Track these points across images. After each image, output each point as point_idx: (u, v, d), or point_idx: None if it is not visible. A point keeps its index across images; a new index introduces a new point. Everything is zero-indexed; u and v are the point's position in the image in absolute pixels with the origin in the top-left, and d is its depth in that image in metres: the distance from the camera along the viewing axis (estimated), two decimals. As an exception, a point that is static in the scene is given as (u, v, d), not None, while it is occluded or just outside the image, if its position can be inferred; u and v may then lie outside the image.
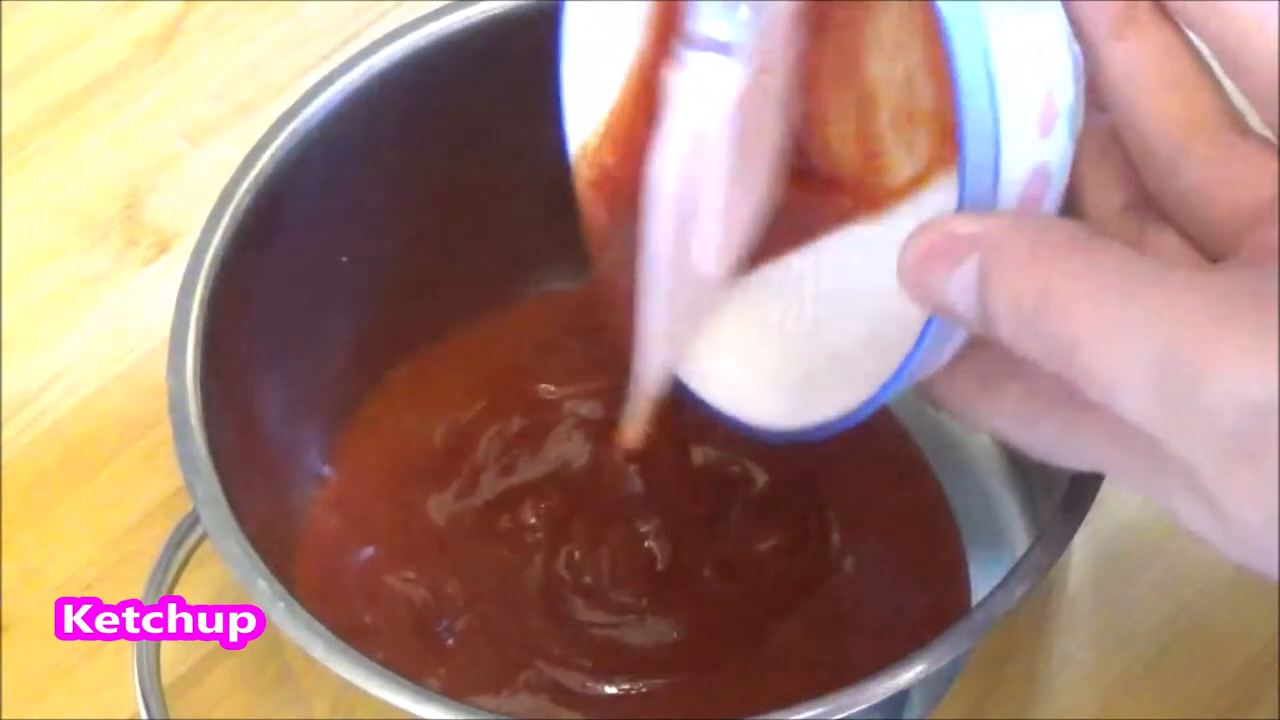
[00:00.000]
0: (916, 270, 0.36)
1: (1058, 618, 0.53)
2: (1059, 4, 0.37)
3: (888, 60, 0.39)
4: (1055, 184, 0.37)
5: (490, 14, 0.52)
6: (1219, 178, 0.38)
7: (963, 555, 0.52)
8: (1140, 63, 0.38)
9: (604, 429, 0.54)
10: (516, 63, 0.53)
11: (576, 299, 0.58)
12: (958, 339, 0.38)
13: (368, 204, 0.53)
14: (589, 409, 0.55)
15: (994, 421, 0.39)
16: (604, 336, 0.47)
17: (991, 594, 0.42)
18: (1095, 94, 0.39)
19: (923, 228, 0.36)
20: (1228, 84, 0.38)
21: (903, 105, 0.39)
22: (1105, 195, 0.40)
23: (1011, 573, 0.42)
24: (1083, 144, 0.39)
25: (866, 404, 0.39)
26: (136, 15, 0.70)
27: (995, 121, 0.35)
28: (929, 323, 0.37)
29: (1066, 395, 0.36)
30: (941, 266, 0.36)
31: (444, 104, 0.53)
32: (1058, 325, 0.34)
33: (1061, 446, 0.38)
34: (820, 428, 0.41)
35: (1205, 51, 0.38)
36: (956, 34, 0.35)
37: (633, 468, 0.53)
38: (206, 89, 0.68)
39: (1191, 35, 0.38)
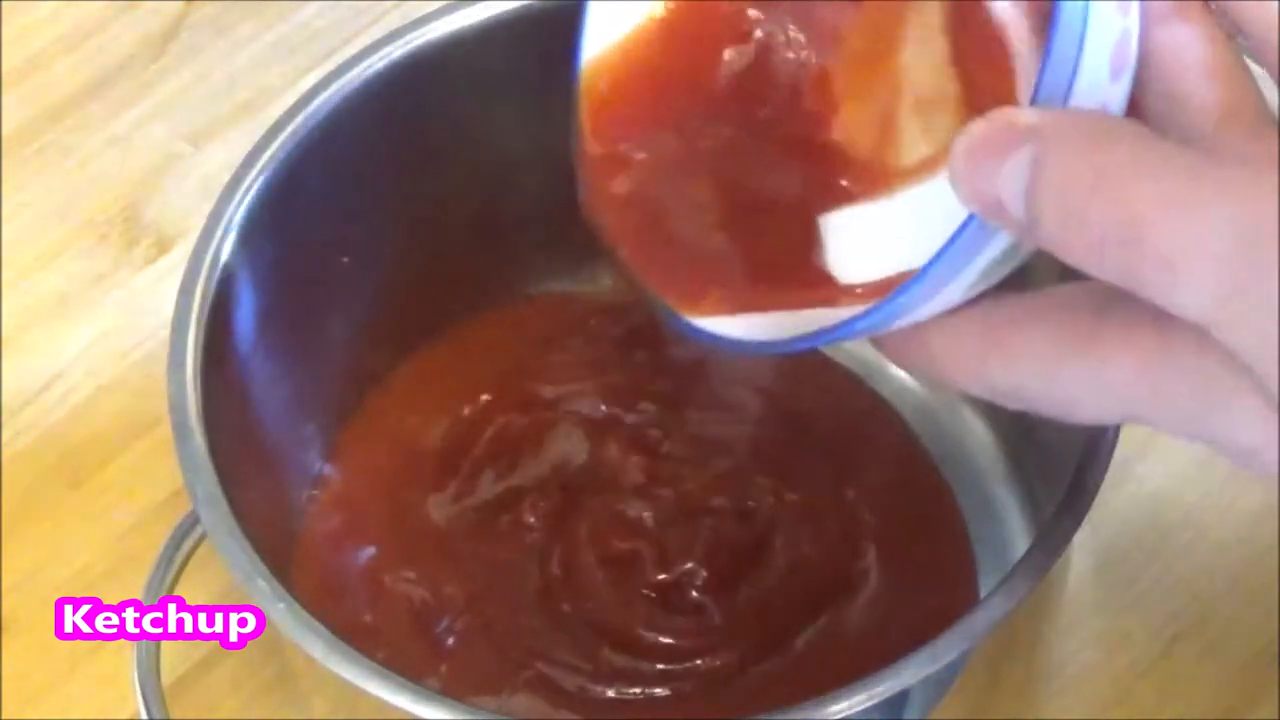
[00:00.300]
0: (969, 158, 0.35)
1: (1058, 618, 0.53)
2: None
3: (920, 45, 0.39)
4: None
5: (490, 15, 0.52)
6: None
7: (974, 560, 0.52)
8: (1186, 47, 0.37)
9: (604, 428, 0.55)
10: (516, 63, 0.53)
11: (576, 299, 0.58)
12: (984, 259, 0.36)
13: (368, 204, 0.53)
14: (589, 408, 0.55)
15: (1007, 376, 0.37)
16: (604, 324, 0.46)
17: (991, 594, 0.42)
18: (1139, 74, 0.38)
19: (981, 118, 0.35)
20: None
21: (928, 91, 0.39)
22: None
23: (1011, 573, 0.42)
24: None
25: (878, 308, 0.37)
26: (137, 15, 0.70)
27: (1080, 42, 0.35)
28: (963, 225, 0.35)
29: (1092, 330, 0.35)
30: (995, 154, 0.34)
31: (444, 104, 0.53)
32: (1117, 205, 0.33)
33: (1085, 391, 0.36)
34: (816, 335, 0.38)
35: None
36: None
37: (634, 462, 0.53)
38: (206, 89, 0.68)
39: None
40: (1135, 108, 0.38)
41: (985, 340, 0.37)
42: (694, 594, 0.51)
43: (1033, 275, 0.38)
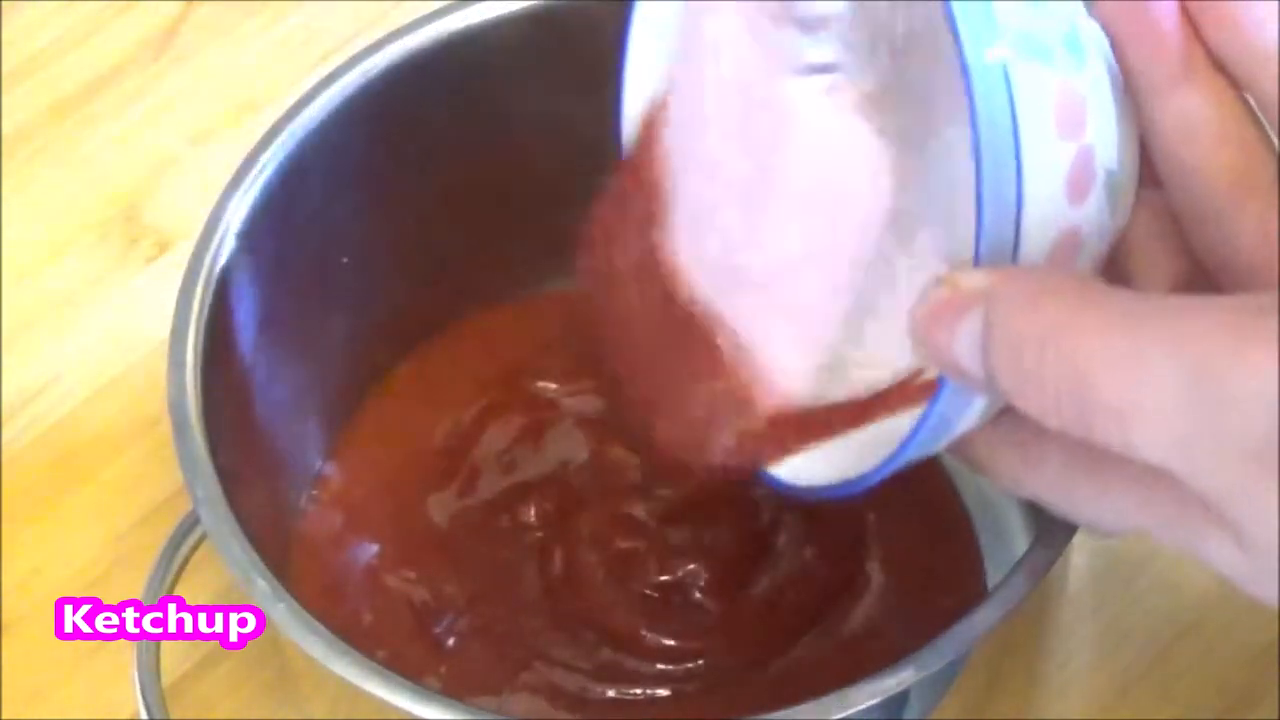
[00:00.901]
0: (925, 327, 0.36)
1: (1058, 618, 0.53)
2: (1110, 65, 0.37)
3: None
4: (1087, 251, 0.37)
5: (490, 15, 0.52)
6: (1271, 234, 0.37)
7: (982, 563, 0.52)
8: (1195, 115, 0.37)
9: (605, 427, 0.54)
10: (516, 63, 0.53)
11: (576, 298, 0.58)
12: (979, 403, 0.37)
13: (368, 204, 0.53)
14: (589, 407, 0.55)
15: (1036, 489, 0.39)
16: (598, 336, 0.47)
17: (991, 594, 0.42)
18: (1146, 154, 0.38)
19: (933, 284, 0.36)
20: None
21: None
22: (1155, 272, 0.39)
23: (1011, 573, 0.42)
24: (1136, 217, 0.38)
25: (880, 467, 0.39)
26: (137, 15, 0.70)
27: (1017, 181, 0.35)
28: (941, 384, 0.36)
29: (1099, 458, 0.36)
30: (948, 321, 0.35)
31: (443, 105, 0.53)
32: (1066, 365, 0.33)
33: (1099, 510, 0.38)
34: (838, 486, 0.40)
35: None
36: (979, 88, 0.34)
37: (636, 460, 0.53)
38: (206, 89, 0.68)
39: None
40: (1150, 177, 0.38)
41: (1018, 453, 0.39)
42: (696, 595, 0.51)
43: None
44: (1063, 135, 0.35)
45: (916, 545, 0.52)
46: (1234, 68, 0.37)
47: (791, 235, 0.43)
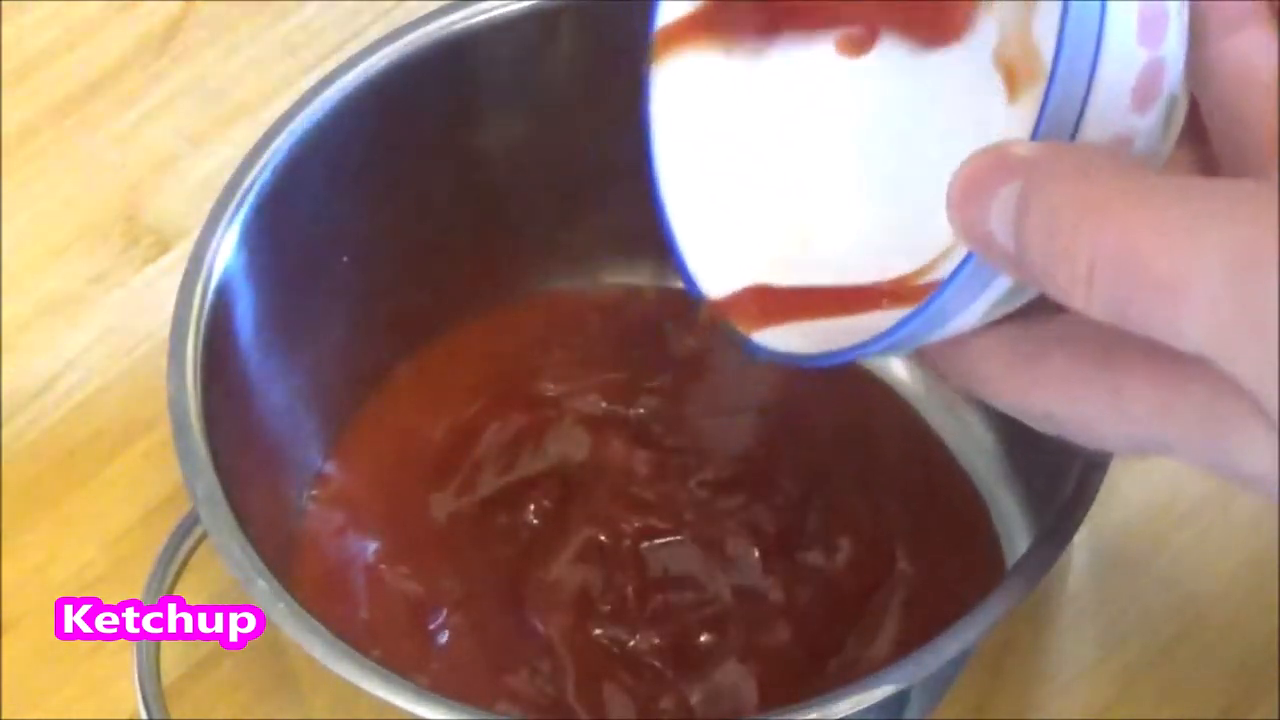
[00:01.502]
0: (963, 191, 0.35)
1: (1058, 618, 0.53)
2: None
3: None
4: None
5: (490, 15, 0.52)
6: None
7: (1004, 560, 0.52)
8: (1256, 59, 0.37)
9: (605, 424, 0.55)
10: (516, 63, 0.53)
11: (576, 297, 0.58)
12: (989, 293, 0.37)
13: (368, 204, 0.53)
14: (589, 406, 0.55)
15: (1033, 399, 0.37)
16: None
17: (991, 594, 0.42)
18: (1195, 107, 0.38)
19: (979, 151, 0.35)
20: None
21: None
22: None
23: (1011, 573, 0.42)
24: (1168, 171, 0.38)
25: (884, 335, 0.38)
26: (137, 15, 0.70)
27: (1093, 67, 0.34)
28: (964, 261, 0.35)
29: (1110, 357, 0.35)
30: (987, 188, 0.34)
31: (443, 104, 0.53)
32: (1110, 234, 0.32)
33: (1108, 418, 0.36)
34: (833, 354, 0.39)
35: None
36: None
37: (637, 457, 0.53)
38: (206, 89, 0.68)
39: None
40: (1197, 125, 0.38)
41: (1013, 362, 0.37)
42: (689, 601, 0.51)
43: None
44: (1141, 40, 0.35)
45: (940, 544, 0.52)
46: None
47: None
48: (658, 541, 0.52)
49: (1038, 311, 0.37)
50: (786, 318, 0.42)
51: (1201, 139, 0.38)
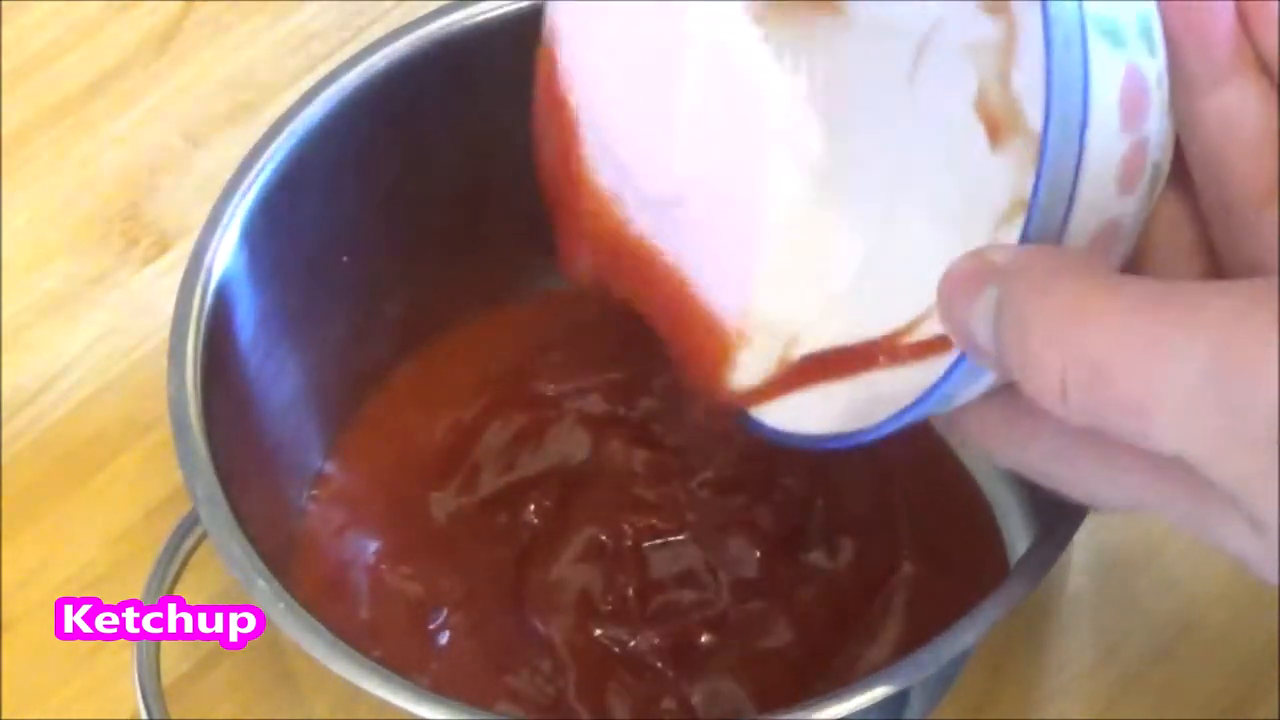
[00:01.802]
0: (948, 295, 0.36)
1: (1058, 618, 0.53)
2: (1162, 60, 0.36)
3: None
4: (1124, 242, 0.37)
5: (490, 14, 0.52)
6: None
7: (1008, 560, 0.52)
8: (1238, 112, 0.37)
9: (605, 424, 0.54)
10: (517, 62, 0.53)
11: (576, 297, 0.58)
12: (987, 379, 0.37)
13: (368, 204, 0.53)
14: (590, 406, 0.55)
15: (1031, 458, 0.38)
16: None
17: (991, 594, 0.42)
18: (1181, 149, 0.38)
19: (963, 255, 0.36)
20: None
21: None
22: (1172, 270, 0.39)
23: (1011, 573, 0.42)
24: (1156, 214, 0.38)
25: (886, 423, 0.38)
26: (137, 15, 0.70)
27: (1077, 168, 0.34)
28: (959, 359, 0.36)
29: (1101, 439, 0.35)
30: (968, 293, 0.35)
31: (444, 104, 0.53)
32: (1076, 351, 0.33)
33: (1102, 481, 0.37)
34: (836, 438, 0.40)
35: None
36: (1059, 68, 0.34)
37: (637, 457, 0.53)
38: (206, 89, 0.68)
39: None
40: (1181, 178, 0.38)
41: (1011, 420, 0.38)
42: (697, 595, 0.51)
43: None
44: (1124, 127, 0.35)
45: (945, 537, 0.52)
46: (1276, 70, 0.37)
47: (691, 161, 0.43)
48: (659, 541, 0.52)
49: None
50: (790, 389, 0.42)
51: (1187, 182, 0.38)
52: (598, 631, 0.51)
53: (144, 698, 0.48)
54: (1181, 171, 0.38)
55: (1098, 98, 0.34)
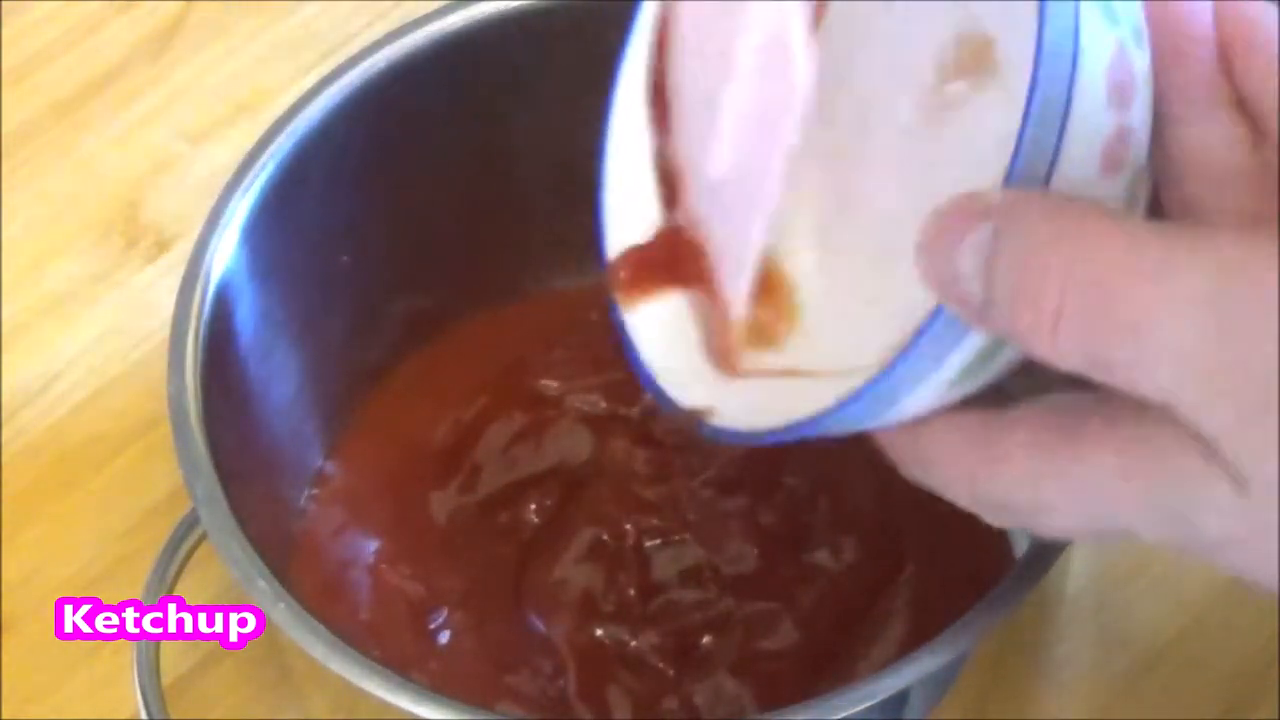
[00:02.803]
0: (934, 234, 0.35)
1: (1058, 618, 0.53)
2: (1147, 62, 0.36)
3: None
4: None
5: (490, 14, 0.52)
6: None
7: (1012, 561, 0.52)
8: (1212, 148, 0.37)
9: (606, 423, 0.54)
10: (516, 62, 0.53)
11: (577, 295, 0.58)
12: (954, 363, 0.36)
13: (368, 203, 0.53)
14: (590, 404, 0.55)
15: (992, 483, 0.36)
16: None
17: (991, 594, 0.42)
18: (1158, 182, 0.37)
19: (958, 195, 0.35)
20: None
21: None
22: None
23: (1012, 573, 0.42)
24: None
25: (837, 408, 0.37)
26: (136, 15, 0.70)
27: (1060, 132, 0.34)
28: (934, 314, 0.35)
29: (1071, 429, 0.35)
30: (957, 231, 0.34)
31: (443, 103, 0.53)
32: (1080, 272, 0.32)
33: (1068, 495, 0.35)
34: (784, 430, 0.39)
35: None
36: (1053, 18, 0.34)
37: (639, 456, 0.53)
38: (206, 89, 0.68)
39: None
40: (1156, 208, 0.37)
41: (970, 444, 0.37)
42: (685, 603, 0.51)
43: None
44: (1110, 101, 0.35)
45: (949, 539, 0.52)
46: (1254, 109, 0.37)
47: (731, 149, 0.43)
48: (660, 541, 0.52)
49: (994, 404, 0.37)
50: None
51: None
52: (599, 631, 0.51)
53: (144, 698, 0.48)
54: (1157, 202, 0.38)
55: (1088, 56, 0.34)
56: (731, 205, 0.44)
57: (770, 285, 0.44)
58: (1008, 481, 0.36)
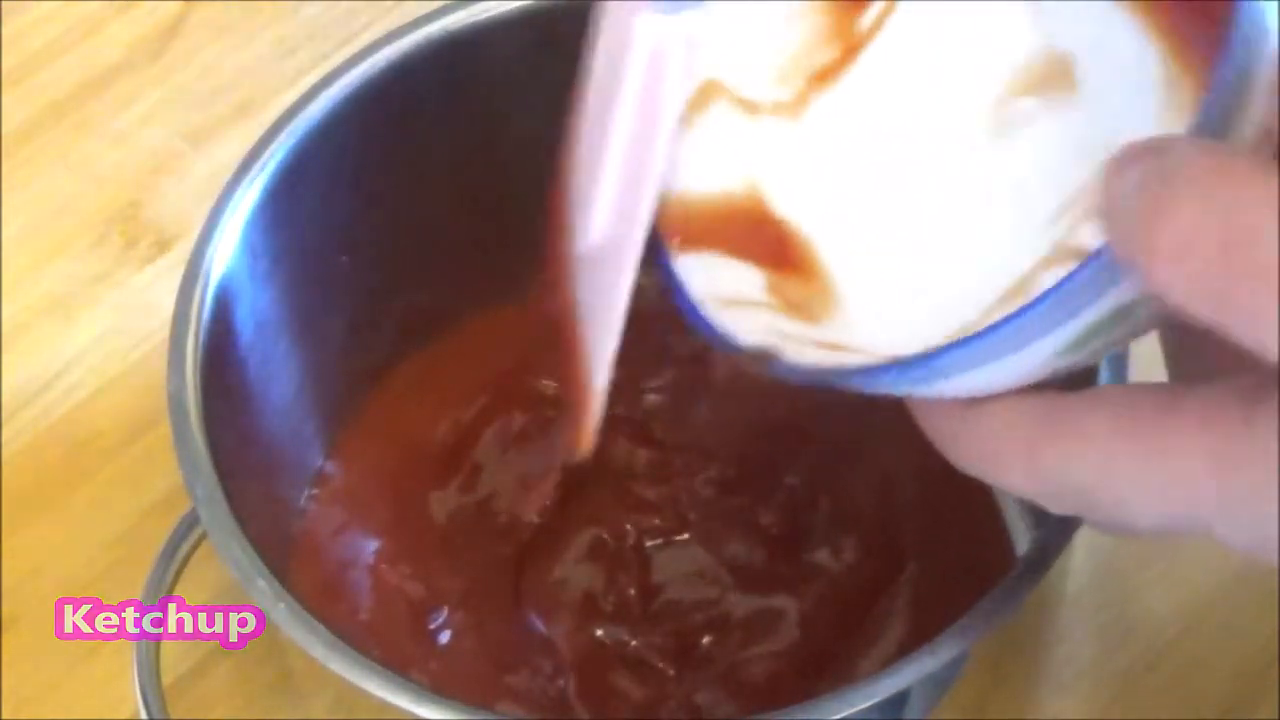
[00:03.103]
0: (1108, 169, 0.32)
1: (1058, 618, 0.53)
2: None
3: None
4: None
5: (491, 14, 0.52)
6: None
7: (1014, 560, 0.52)
8: None
9: (607, 422, 0.54)
10: (517, 61, 0.53)
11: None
12: (1077, 323, 0.34)
13: (368, 203, 0.53)
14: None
15: (1059, 466, 0.34)
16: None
17: (992, 594, 0.42)
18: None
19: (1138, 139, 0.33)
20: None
21: None
22: None
23: (1012, 573, 0.42)
24: None
25: (949, 348, 0.34)
26: (136, 15, 0.70)
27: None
28: (1098, 251, 0.33)
29: (1159, 417, 0.32)
30: (1127, 162, 0.32)
31: (443, 103, 0.53)
32: (1228, 205, 0.30)
33: (1140, 485, 0.33)
34: (877, 370, 0.36)
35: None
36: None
37: (639, 455, 0.53)
38: (207, 89, 0.68)
39: None
40: None
41: (1042, 422, 0.34)
42: (684, 603, 0.51)
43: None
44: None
45: (950, 538, 0.52)
46: None
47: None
48: (661, 541, 0.52)
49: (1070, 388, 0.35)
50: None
51: None
52: (599, 631, 0.51)
53: (144, 698, 0.48)
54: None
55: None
56: (598, 274, 0.44)
57: (796, 261, 0.43)
58: (1080, 463, 0.34)
